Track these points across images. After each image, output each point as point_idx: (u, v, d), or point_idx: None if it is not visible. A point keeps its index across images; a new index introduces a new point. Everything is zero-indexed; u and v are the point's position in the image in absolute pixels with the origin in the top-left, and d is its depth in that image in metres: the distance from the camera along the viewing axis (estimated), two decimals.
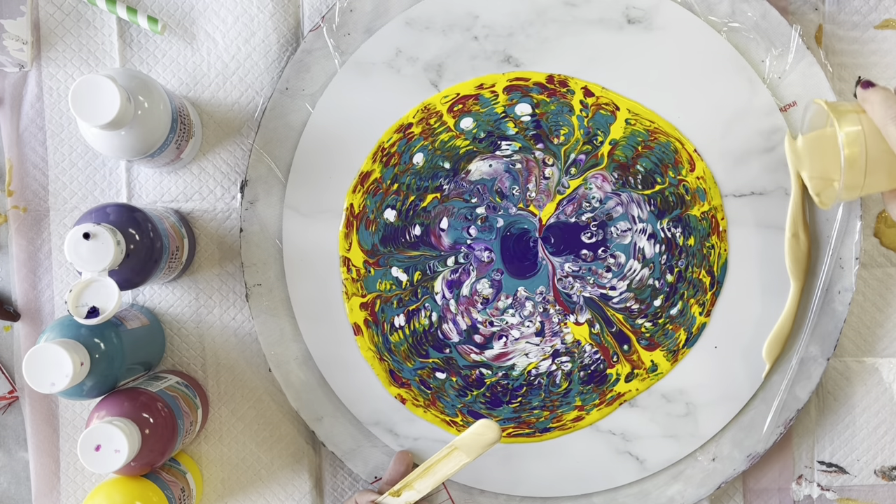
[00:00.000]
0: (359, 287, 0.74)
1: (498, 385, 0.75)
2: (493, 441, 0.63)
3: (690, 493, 0.75)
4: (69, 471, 0.75)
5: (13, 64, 0.73)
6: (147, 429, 0.64)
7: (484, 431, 0.64)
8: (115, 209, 0.64)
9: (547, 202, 0.74)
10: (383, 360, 0.75)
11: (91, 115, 0.58)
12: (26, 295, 0.74)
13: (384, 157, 0.74)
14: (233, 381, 0.76)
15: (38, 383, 0.59)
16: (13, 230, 0.74)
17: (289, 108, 0.73)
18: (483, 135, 0.73)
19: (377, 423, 0.75)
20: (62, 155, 0.74)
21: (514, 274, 0.74)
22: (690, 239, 0.73)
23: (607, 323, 0.74)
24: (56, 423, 0.75)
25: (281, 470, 0.76)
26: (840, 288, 0.74)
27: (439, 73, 0.73)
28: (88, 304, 0.59)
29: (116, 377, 0.65)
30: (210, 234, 0.75)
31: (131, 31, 0.74)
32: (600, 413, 0.75)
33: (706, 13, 0.72)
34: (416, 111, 0.73)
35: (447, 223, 0.74)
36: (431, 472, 0.66)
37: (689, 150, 0.73)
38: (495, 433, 0.63)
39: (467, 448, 0.64)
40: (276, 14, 0.74)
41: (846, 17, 0.75)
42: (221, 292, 0.75)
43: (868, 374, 0.77)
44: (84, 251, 0.59)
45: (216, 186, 0.75)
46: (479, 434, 0.64)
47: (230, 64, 0.74)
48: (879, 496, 0.78)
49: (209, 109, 0.74)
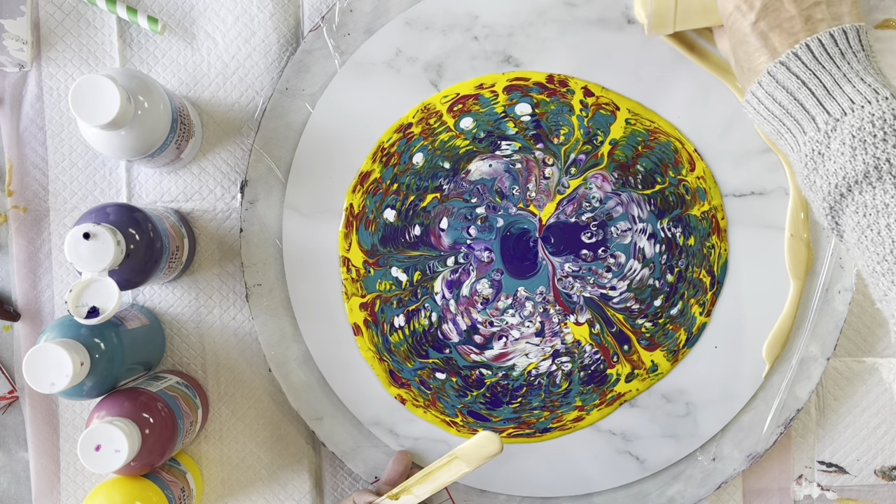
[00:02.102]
0: (358, 287, 0.74)
1: (498, 385, 0.75)
2: (494, 454, 0.64)
3: (690, 493, 0.75)
4: (69, 471, 0.75)
5: (13, 64, 0.73)
6: (147, 429, 0.64)
7: (486, 444, 0.64)
8: (115, 209, 0.63)
9: (547, 202, 0.74)
10: (383, 361, 0.75)
11: (91, 115, 0.58)
12: (26, 295, 0.74)
13: (384, 156, 0.74)
14: (233, 381, 0.76)
15: (38, 383, 0.59)
16: (13, 230, 0.74)
17: (289, 108, 0.73)
18: (483, 135, 0.73)
19: (377, 423, 0.75)
20: (62, 155, 0.74)
21: (514, 274, 0.74)
22: (691, 239, 0.73)
23: (607, 323, 0.74)
24: (56, 423, 0.75)
25: (281, 470, 0.76)
26: (840, 287, 0.74)
27: (439, 73, 0.73)
28: (88, 304, 0.59)
29: (116, 377, 0.65)
30: (210, 234, 0.75)
31: (131, 31, 0.74)
32: (600, 413, 0.75)
33: None
34: (415, 111, 0.73)
35: (447, 223, 0.74)
36: (431, 478, 0.66)
37: (689, 149, 0.73)
38: (497, 446, 0.64)
39: (468, 458, 0.64)
40: (276, 14, 0.74)
41: None
42: (221, 292, 0.75)
43: (868, 374, 0.77)
44: (84, 251, 0.59)
45: (216, 186, 0.75)
46: (481, 446, 0.64)
47: (230, 64, 0.74)
48: (879, 496, 0.78)
49: (209, 109, 0.74)
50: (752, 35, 0.58)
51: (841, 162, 0.53)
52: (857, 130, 0.52)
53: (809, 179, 0.55)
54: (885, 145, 0.52)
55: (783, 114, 0.57)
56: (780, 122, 0.57)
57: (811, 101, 0.55)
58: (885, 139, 0.52)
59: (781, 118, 0.57)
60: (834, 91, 0.54)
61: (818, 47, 0.55)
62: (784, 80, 0.56)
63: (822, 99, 0.55)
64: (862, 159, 0.52)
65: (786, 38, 0.56)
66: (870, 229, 0.52)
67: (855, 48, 0.55)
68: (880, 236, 0.52)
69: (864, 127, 0.52)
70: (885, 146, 0.52)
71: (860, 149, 0.52)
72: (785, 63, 0.56)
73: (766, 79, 0.57)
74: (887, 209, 0.51)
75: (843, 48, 0.55)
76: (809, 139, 0.55)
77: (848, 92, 0.54)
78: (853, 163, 0.52)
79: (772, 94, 0.57)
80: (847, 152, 0.53)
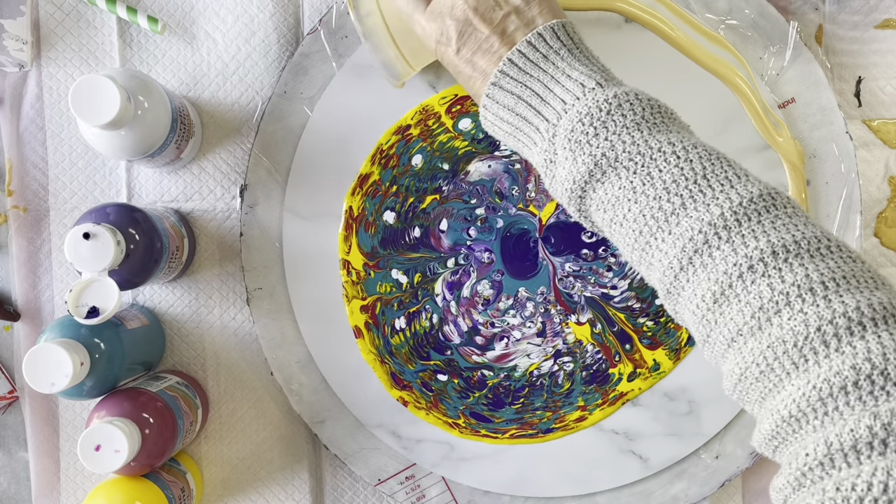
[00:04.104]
0: (359, 290, 0.74)
1: (500, 386, 0.75)
2: None
3: (694, 492, 0.75)
4: (69, 471, 0.75)
5: (13, 64, 0.73)
6: (147, 429, 0.64)
7: None
8: (115, 209, 0.64)
9: (547, 202, 0.74)
10: (385, 363, 0.75)
11: (91, 115, 0.58)
12: (26, 295, 0.74)
13: (383, 159, 0.74)
14: (233, 381, 0.75)
15: (38, 383, 0.59)
16: (13, 230, 0.74)
17: (287, 111, 0.73)
18: (481, 135, 0.73)
19: (380, 425, 0.75)
20: (62, 155, 0.74)
21: (514, 274, 0.74)
22: None
23: (609, 322, 0.74)
24: (56, 423, 0.75)
25: (281, 470, 0.76)
26: None
27: (437, 75, 0.73)
28: (88, 304, 0.59)
29: (116, 377, 0.65)
30: (210, 235, 0.75)
31: (131, 30, 0.74)
32: (603, 413, 0.75)
33: (703, 11, 0.72)
34: (414, 113, 0.74)
35: (447, 224, 0.74)
36: None
37: None
38: None
39: None
40: (276, 14, 0.74)
41: (846, 16, 0.75)
42: (221, 292, 0.75)
43: None
44: (84, 251, 0.59)
45: (216, 186, 0.75)
46: None
47: (230, 64, 0.74)
48: None
49: (209, 109, 0.74)
50: (461, 65, 0.57)
51: (567, 167, 0.52)
52: (570, 133, 0.52)
53: (553, 188, 0.55)
54: (598, 140, 0.51)
55: (514, 130, 0.56)
56: (516, 138, 0.56)
57: (530, 112, 0.54)
58: (597, 134, 0.51)
59: (515, 135, 0.56)
60: (547, 96, 0.54)
61: (520, 58, 0.54)
62: (503, 98, 0.55)
63: (539, 107, 0.54)
64: (582, 160, 0.51)
65: (490, 58, 0.56)
66: (614, 223, 0.52)
67: (556, 47, 0.54)
68: (623, 228, 0.51)
69: (576, 127, 0.52)
70: (598, 141, 0.51)
71: (578, 150, 0.52)
72: (497, 83, 0.55)
73: (488, 102, 0.56)
74: (619, 201, 0.51)
75: (543, 51, 0.54)
76: (540, 150, 0.54)
77: (559, 93, 0.53)
78: (576, 165, 0.52)
79: (498, 114, 0.56)
80: (569, 157, 0.52)
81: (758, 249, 0.46)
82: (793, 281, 0.44)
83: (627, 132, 0.51)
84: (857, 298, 0.43)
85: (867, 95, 0.76)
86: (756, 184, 0.49)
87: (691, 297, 0.48)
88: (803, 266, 0.45)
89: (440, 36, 0.57)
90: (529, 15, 0.56)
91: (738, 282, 0.46)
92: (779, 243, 0.46)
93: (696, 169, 0.49)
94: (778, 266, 0.45)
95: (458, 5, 0.56)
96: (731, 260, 0.46)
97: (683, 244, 0.48)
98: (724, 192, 0.48)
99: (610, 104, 0.52)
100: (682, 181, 0.49)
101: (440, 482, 0.76)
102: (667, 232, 0.49)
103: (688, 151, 0.50)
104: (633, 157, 0.50)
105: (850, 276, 0.44)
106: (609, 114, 0.51)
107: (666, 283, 0.49)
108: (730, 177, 0.49)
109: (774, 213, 0.48)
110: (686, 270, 0.48)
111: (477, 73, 0.57)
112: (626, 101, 0.52)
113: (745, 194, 0.48)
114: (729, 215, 0.47)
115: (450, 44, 0.57)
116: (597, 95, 0.52)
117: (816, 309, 0.43)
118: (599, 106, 0.52)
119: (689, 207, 0.48)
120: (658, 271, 0.50)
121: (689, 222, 0.48)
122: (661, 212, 0.49)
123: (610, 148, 0.51)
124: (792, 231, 0.46)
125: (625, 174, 0.51)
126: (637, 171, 0.50)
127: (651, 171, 0.50)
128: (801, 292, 0.44)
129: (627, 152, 0.51)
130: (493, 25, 0.56)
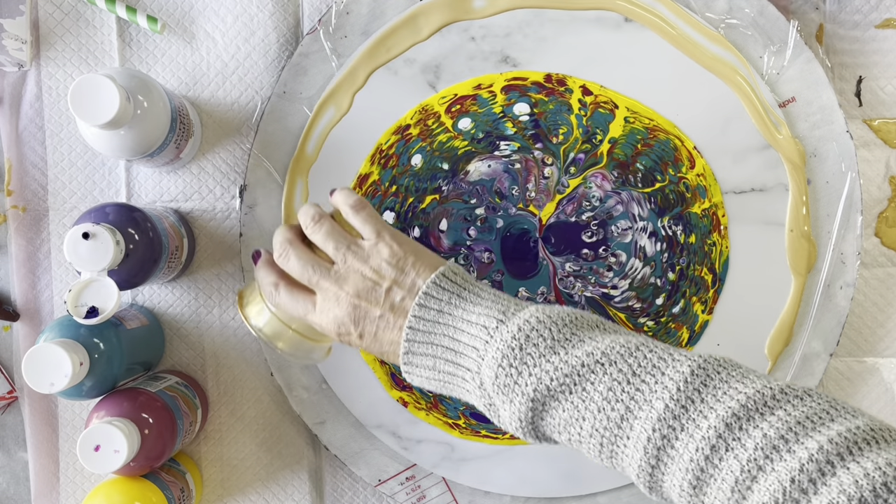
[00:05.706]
0: None
1: None
2: None
3: None
4: (69, 471, 0.75)
5: (12, 63, 0.73)
6: (146, 429, 0.63)
7: None
8: (115, 209, 0.63)
9: (547, 202, 0.73)
10: (385, 363, 0.74)
11: (90, 115, 0.58)
12: (25, 295, 0.74)
13: (382, 158, 0.74)
14: (232, 381, 0.75)
15: (37, 383, 0.58)
16: (12, 230, 0.74)
17: (286, 111, 0.73)
18: (481, 135, 0.73)
19: (380, 426, 0.75)
20: (61, 155, 0.74)
21: (514, 275, 0.74)
22: (691, 236, 0.73)
23: None
24: (55, 424, 0.75)
25: (281, 470, 0.76)
26: (842, 283, 0.73)
27: (437, 74, 0.73)
28: (88, 304, 0.59)
29: (116, 377, 0.65)
30: (210, 234, 0.75)
31: (131, 30, 0.74)
32: None
33: (703, 10, 0.72)
34: (413, 112, 0.73)
35: (446, 224, 0.74)
36: None
37: (689, 147, 0.73)
38: None
39: None
40: (276, 13, 0.74)
41: (847, 16, 0.75)
42: (221, 292, 0.75)
43: (869, 374, 0.77)
44: (83, 251, 0.59)
45: (216, 186, 0.75)
46: None
47: (230, 63, 0.74)
48: None
49: (209, 109, 0.74)
50: (370, 346, 0.58)
51: (508, 409, 0.53)
52: (495, 380, 0.53)
53: (504, 427, 0.55)
54: (523, 378, 0.52)
55: (444, 385, 0.57)
56: (450, 390, 0.57)
57: (451, 366, 0.55)
58: (520, 373, 0.52)
59: (447, 388, 0.57)
60: (459, 347, 0.55)
61: (418, 322, 0.55)
62: (421, 361, 0.56)
63: (457, 360, 0.55)
64: (519, 402, 0.52)
65: (392, 332, 0.57)
66: (573, 441, 0.52)
67: (445, 299, 0.56)
68: (584, 444, 0.52)
69: (498, 374, 0.53)
70: (524, 379, 0.52)
71: (510, 394, 0.52)
72: (409, 351, 0.56)
73: (409, 368, 0.57)
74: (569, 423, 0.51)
75: (437, 307, 0.55)
76: (477, 397, 0.55)
77: (468, 342, 0.54)
78: (515, 406, 0.52)
79: (423, 375, 0.57)
80: (505, 401, 0.53)
81: (712, 428, 0.47)
82: (754, 446, 0.45)
83: (547, 360, 0.52)
84: (816, 441, 0.44)
85: (868, 95, 0.76)
86: (683, 361, 0.50)
87: (672, 487, 0.49)
88: (758, 428, 0.46)
89: (338, 328, 0.58)
90: (408, 281, 0.57)
91: (707, 464, 0.47)
92: (727, 414, 0.47)
93: (624, 370, 0.50)
94: (736, 437, 0.46)
95: (342, 297, 0.57)
96: (693, 446, 0.47)
97: (644, 446, 0.49)
98: (659, 383, 0.49)
99: (518, 340, 0.52)
100: (617, 387, 0.50)
101: (440, 483, 0.76)
102: (625, 438, 0.50)
103: (608, 356, 0.51)
104: (564, 382, 0.51)
105: (803, 420, 0.46)
106: (522, 349, 0.52)
107: (646, 483, 0.50)
108: (657, 364, 0.50)
109: (712, 385, 0.49)
110: (658, 468, 0.49)
111: (387, 347, 0.58)
112: (533, 329, 0.53)
113: (679, 377, 0.49)
114: (672, 405, 0.48)
115: (350, 333, 0.58)
116: (503, 334, 0.53)
117: (785, 464, 0.44)
118: (509, 345, 0.52)
119: (634, 410, 0.49)
120: (634, 475, 0.50)
121: (641, 424, 0.49)
122: (610, 422, 0.50)
123: (538, 382, 0.52)
124: (735, 396, 0.47)
125: (563, 398, 0.51)
126: (574, 391, 0.51)
127: (585, 387, 0.51)
128: (766, 453, 0.45)
129: (556, 380, 0.51)
130: (380, 304, 0.57)
